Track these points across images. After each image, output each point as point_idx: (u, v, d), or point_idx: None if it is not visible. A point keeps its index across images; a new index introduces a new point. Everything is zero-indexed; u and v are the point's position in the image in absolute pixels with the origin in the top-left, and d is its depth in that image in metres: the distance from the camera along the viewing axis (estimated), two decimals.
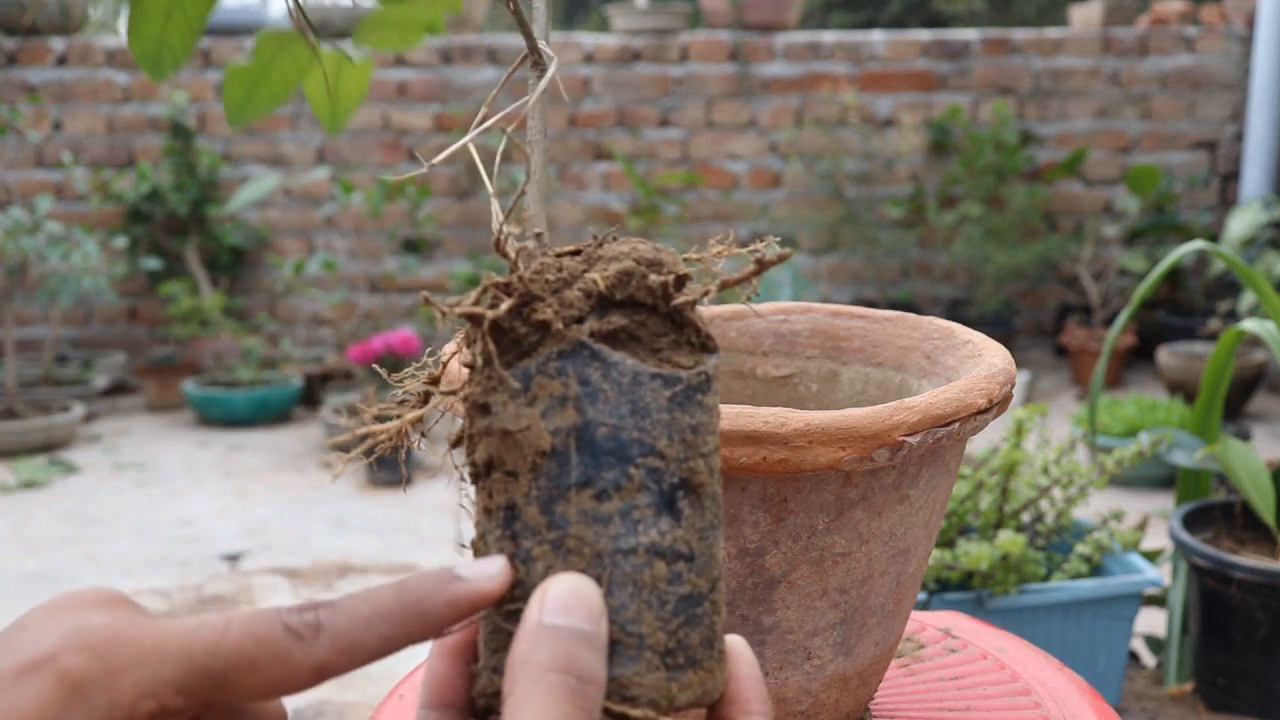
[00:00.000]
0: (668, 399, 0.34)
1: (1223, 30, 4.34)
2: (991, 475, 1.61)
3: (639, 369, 0.34)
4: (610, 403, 0.34)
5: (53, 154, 4.37)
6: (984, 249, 4.13)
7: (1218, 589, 1.62)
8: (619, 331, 0.35)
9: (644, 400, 0.34)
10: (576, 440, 0.34)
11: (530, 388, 0.34)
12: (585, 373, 0.34)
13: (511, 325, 0.35)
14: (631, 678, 0.33)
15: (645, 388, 0.34)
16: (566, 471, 0.33)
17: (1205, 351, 3.51)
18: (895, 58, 4.37)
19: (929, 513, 0.59)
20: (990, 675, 0.71)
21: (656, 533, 0.33)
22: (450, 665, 0.35)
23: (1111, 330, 1.66)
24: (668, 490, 0.34)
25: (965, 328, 0.68)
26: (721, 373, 0.77)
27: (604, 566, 0.33)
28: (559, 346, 0.34)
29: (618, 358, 0.34)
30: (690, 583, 0.34)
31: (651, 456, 0.34)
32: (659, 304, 0.35)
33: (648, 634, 0.33)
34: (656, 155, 4.42)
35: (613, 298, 0.35)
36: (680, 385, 0.35)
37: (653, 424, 0.34)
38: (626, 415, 0.34)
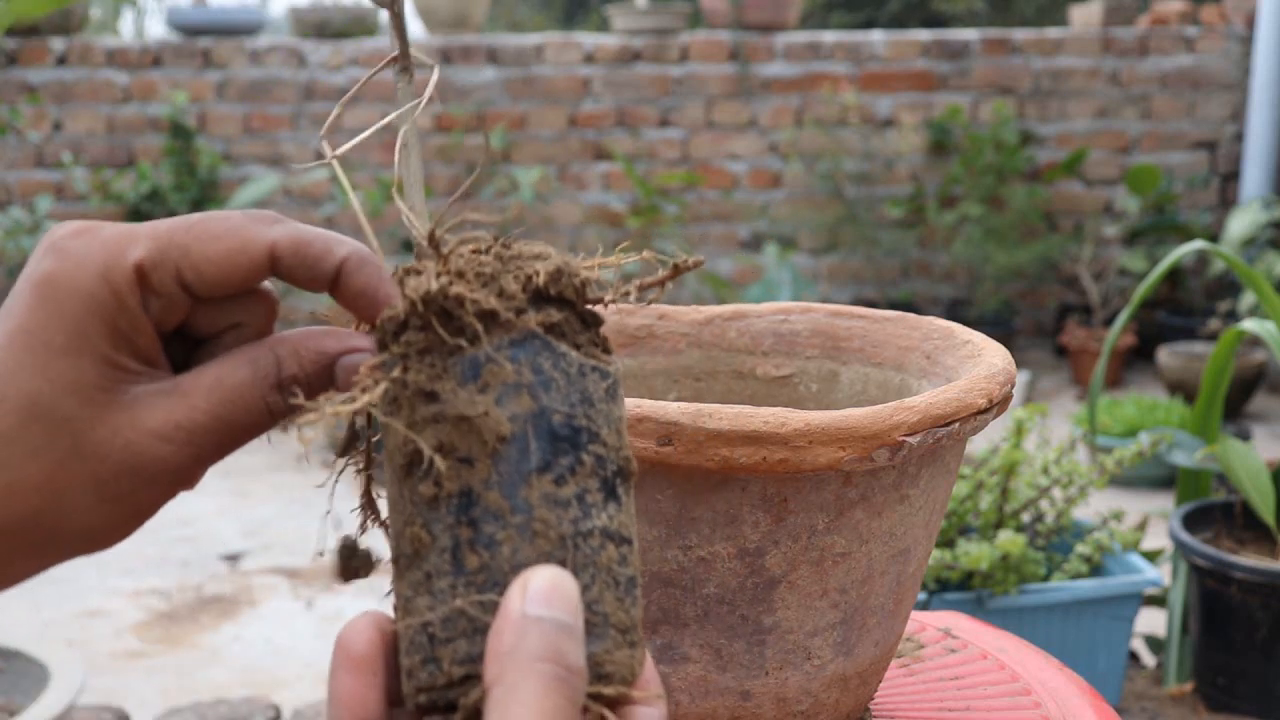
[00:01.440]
0: (604, 390, 0.36)
1: (1223, 30, 4.34)
2: (991, 475, 1.61)
3: (583, 361, 0.36)
4: (562, 391, 0.35)
5: (53, 154, 4.37)
6: (984, 249, 4.13)
7: (1218, 589, 1.62)
8: (556, 326, 0.36)
9: (588, 390, 0.35)
10: (534, 426, 0.34)
11: (480, 375, 0.35)
12: (537, 361, 0.35)
13: (457, 313, 0.35)
14: (603, 655, 0.34)
15: (589, 379, 0.36)
16: (526, 457, 0.34)
17: (1205, 351, 3.51)
18: (895, 58, 4.37)
19: (929, 513, 0.59)
20: (990, 675, 0.71)
21: (606, 516, 0.35)
22: (358, 679, 0.35)
23: (1111, 330, 1.66)
24: (610, 477, 0.35)
25: (965, 328, 0.68)
26: (721, 373, 0.77)
27: (568, 549, 0.34)
28: (510, 335, 0.35)
29: (565, 348, 0.36)
30: (631, 564, 0.35)
31: (597, 444, 0.35)
32: (578, 302, 0.37)
33: (610, 613, 0.34)
34: (656, 155, 4.42)
35: (547, 293, 0.36)
36: (611, 379, 0.36)
37: (596, 413, 0.35)
38: (576, 404, 0.35)
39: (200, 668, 2.10)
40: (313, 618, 2.30)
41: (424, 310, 0.35)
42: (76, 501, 0.37)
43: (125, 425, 0.37)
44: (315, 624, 2.27)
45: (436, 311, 0.35)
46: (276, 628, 2.26)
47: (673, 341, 0.77)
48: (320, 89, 4.38)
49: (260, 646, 2.18)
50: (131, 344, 0.37)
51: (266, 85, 4.39)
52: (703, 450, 0.51)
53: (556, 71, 4.39)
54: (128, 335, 0.37)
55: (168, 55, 4.38)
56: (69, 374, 0.36)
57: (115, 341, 0.37)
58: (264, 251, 0.38)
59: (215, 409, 0.37)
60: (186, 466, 0.38)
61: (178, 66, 4.38)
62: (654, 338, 0.76)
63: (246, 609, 2.36)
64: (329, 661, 0.36)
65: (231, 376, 0.38)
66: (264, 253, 0.38)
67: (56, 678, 1.58)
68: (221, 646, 2.19)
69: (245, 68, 4.39)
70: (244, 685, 2.02)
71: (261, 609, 2.36)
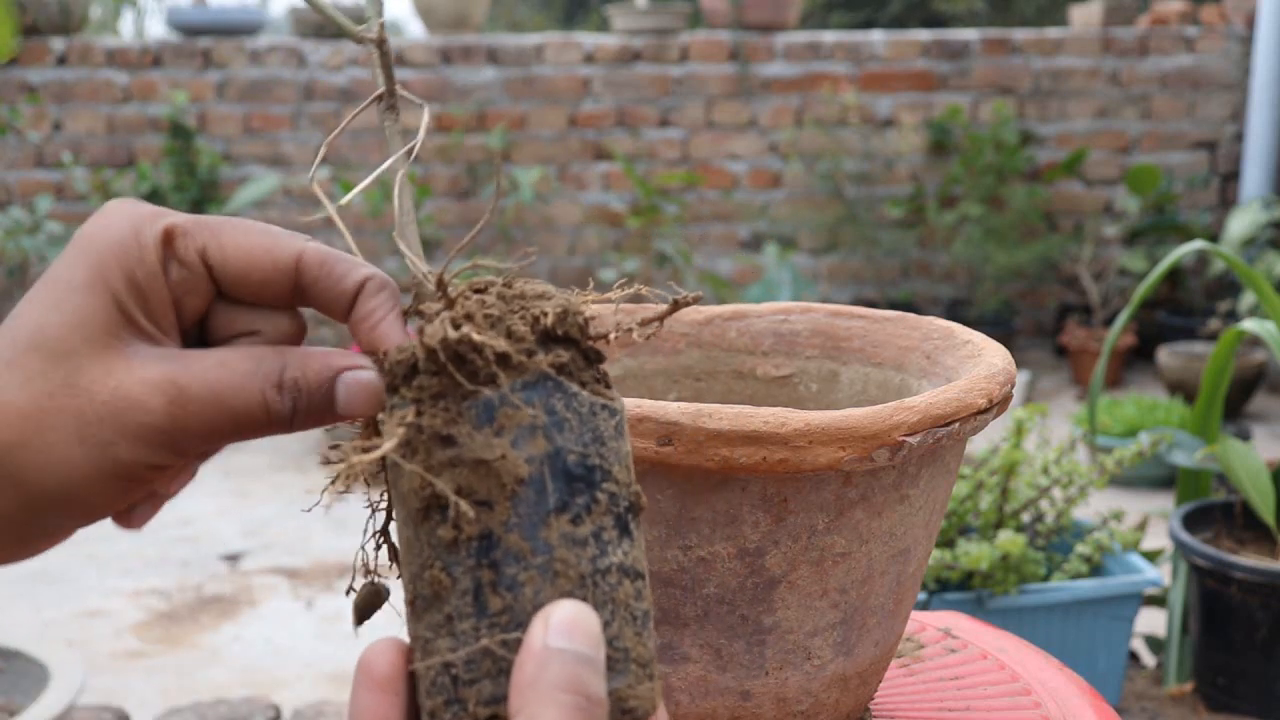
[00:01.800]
0: (614, 427, 0.36)
1: (1223, 30, 4.34)
2: (991, 475, 1.61)
3: (593, 399, 0.36)
4: (575, 431, 0.35)
5: (53, 154, 4.37)
6: (984, 249, 4.13)
7: (1218, 589, 1.62)
8: (564, 367, 0.36)
9: (599, 429, 0.36)
10: (550, 467, 0.35)
11: (495, 419, 0.35)
12: (550, 403, 0.35)
13: (470, 357, 0.35)
14: (626, 690, 0.34)
15: (599, 417, 0.36)
16: (545, 498, 0.35)
17: (1205, 351, 3.51)
18: (895, 58, 4.37)
19: (929, 513, 0.59)
20: (990, 675, 0.71)
21: (622, 553, 0.35)
22: (381, 699, 0.35)
23: (1111, 330, 1.66)
24: (623, 513, 0.36)
25: (965, 328, 0.68)
26: (721, 373, 0.77)
27: (587, 587, 0.34)
28: (523, 378, 0.35)
29: (575, 388, 0.36)
30: (646, 599, 0.36)
31: (610, 482, 0.36)
32: (581, 340, 0.37)
33: (630, 648, 0.35)
34: (656, 155, 4.42)
35: (554, 333, 0.37)
36: (619, 416, 0.37)
37: (608, 451, 0.36)
38: (589, 443, 0.36)
39: (200, 668, 2.10)
40: (313, 618, 2.30)
41: (441, 355, 0.35)
42: (57, 437, 0.37)
43: (120, 369, 0.37)
44: (315, 624, 2.27)
45: (451, 356, 0.35)
46: (276, 628, 2.26)
47: (673, 341, 0.77)
48: (320, 89, 4.38)
49: (260, 646, 2.18)
50: (145, 300, 0.38)
51: (266, 85, 4.39)
52: (703, 450, 0.51)
53: (556, 71, 4.39)
54: (143, 289, 0.38)
55: (168, 55, 4.38)
56: (80, 310, 0.37)
57: (131, 290, 0.38)
58: (291, 257, 0.40)
59: (212, 383, 0.38)
60: (170, 434, 0.38)
61: (178, 66, 4.38)
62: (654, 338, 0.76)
63: (246, 609, 2.36)
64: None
65: (235, 361, 0.39)
66: (291, 258, 0.40)
67: (56, 678, 1.58)
68: (221, 646, 2.19)
69: (245, 68, 4.39)
70: (244, 685, 2.02)
71: (261, 609, 2.36)
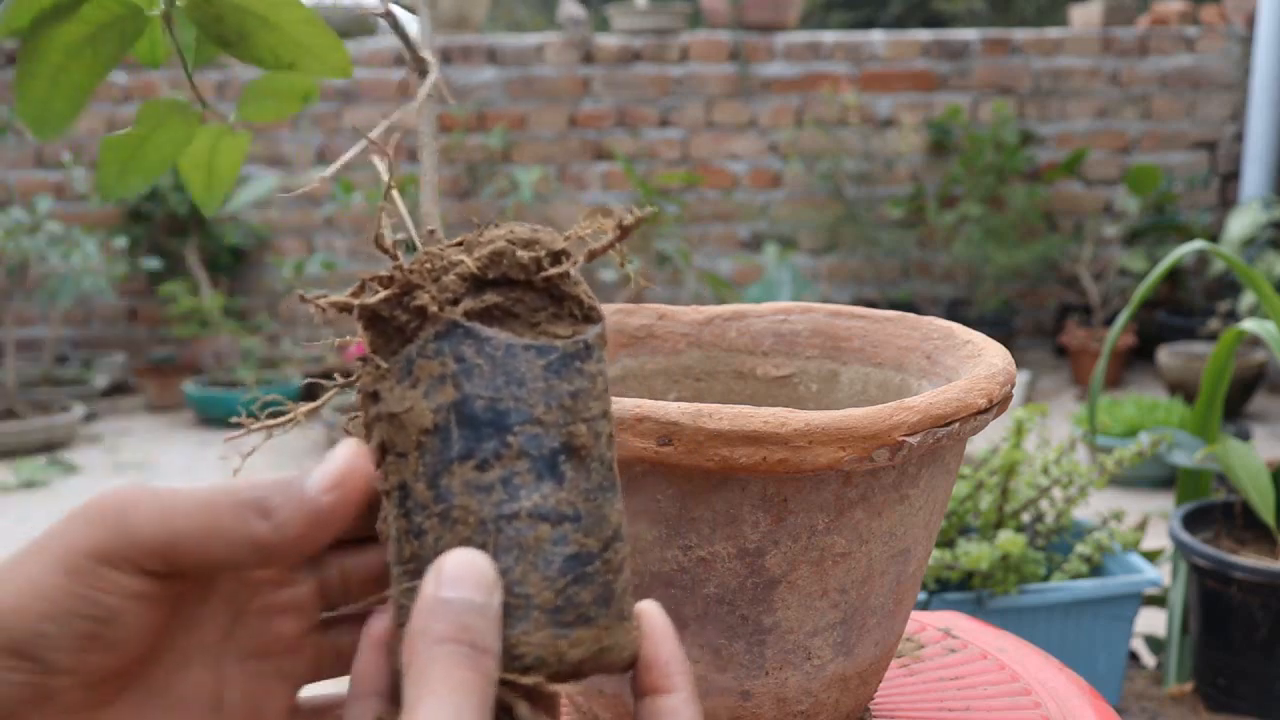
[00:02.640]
0: (543, 368, 0.35)
1: (1223, 30, 4.34)
2: (991, 475, 1.61)
3: (511, 341, 0.35)
4: (486, 376, 0.35)
5: (53, 154, 4.37)
6: (984, 249, 4.13)
7: (1218, 589, 1.62)
8: (494, 309, 0.36)
9: (519, 371, 0.35)
10: (456, 415, 0.35)
11: (413, 371, 0.35)
12: (460, 350, 0.35)
13: (392, 314, 0.36)
14: (520, 637, 0.34)
15: (519, 359, 0.35)
16: (449, 446, 0.35)
17: (1205, 351, 3.51)
18: (895, 58, 4.37)
19: (929, 513, 0.59)
20: (990, 675, 0.71)
21: (539, 496, 0.35)
22: (374, 656, 0.36)
23: (1111, 330, 1.66)
24: (548, 455, 0.35)
25: (965, 328, 0.68)
26: (721, 373, 0.77)
27: (488, 533, 0.34)
28: (436, 328, 0.35)
29: (490, 333, 0.35)
30: (577, 542, 0.35)
31: (529, 424, 0.35)
32: (534, 279, 0.37)
33: (534, 594, 0.34)
34: (656, 155, 4.42)
35: (486, 277, 0.36)
36: (555, 354, 0.36)
37: (529, 393, 0.35)
38: (502, 386, 0.35)
39: None
40: None
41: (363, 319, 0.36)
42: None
43: None
44: None
45: (368, 317, 0.36)
46: None
47: (673, 341, 0.77)
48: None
49: None
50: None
51: None
52: (703, 450, 0.51)
53: (556, 71, 4.39)
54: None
55: None
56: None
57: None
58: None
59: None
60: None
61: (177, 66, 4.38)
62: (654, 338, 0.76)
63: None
64: None
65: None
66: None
67: None
68: None
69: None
70: None
71: None
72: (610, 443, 0.37)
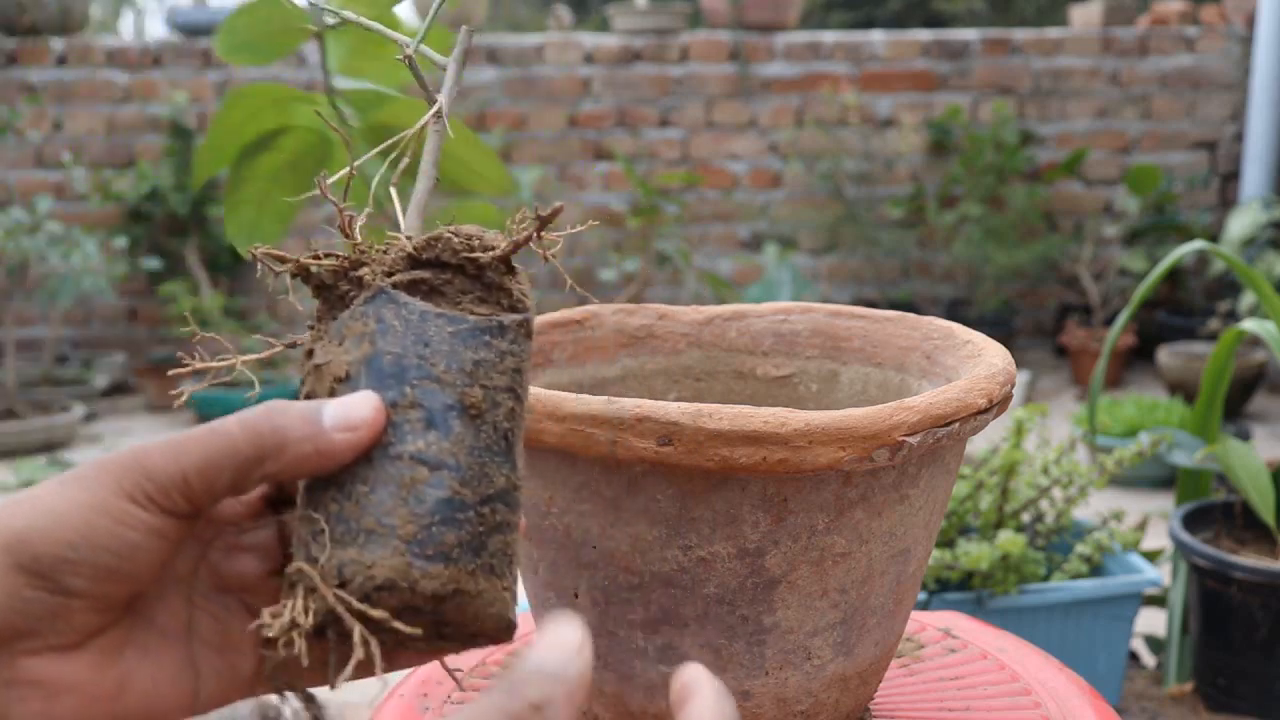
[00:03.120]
0: (450, 334, 0.39)
1: (1223, 30, 4.34)
2: (991, 475, 1.61)
3: (425, 308, 0.40)
4: (398, 335, 0.39)
5: (53, 154, 4.37)
6: (984, 249, 4.12)
7: (1218, 589, 1.62)
8: (421, 284, 0.40)
9: (428, 334, 0.39)
10: (366, 367, 0.39)
11: (342, 331, 0.40)
12: (381, 312, 0.39)
13: (337, 283, 0.41)
14: (377, 559, 0.36)
15: (430, 324, 0.39)
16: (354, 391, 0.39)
17: (1205, 351, 3.51)
18: (895, 58, 4.37)
19: (929, 513, 0.59)
20: (990, 675, 0.71)
21: (424, 442, 0.38)
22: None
23: (1111, 330, 1.66)
24: (440, 409, 0.38)
25: (965, 328, 0.68)
26: (721, 373, 0.77)
27: (373, 468, 0.37)
28: (367, 294, 0.40)
29: (408, 299, 0.40)
30: (451, 489, 0.38)
31: (428, 380, 0.38)
32: (465, 265, 0.41)
33: (398, 525, 0.37)
34: (656, 155, 4.42)
35: (421, 258, 0.41)
36: (466, 325, 0.40)
37: (433, 353, 0.39)
38: (410, 345, 0.39)
39: None
40: None
41: (312, 286, 0.41)
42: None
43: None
44: None
45: (316, 285, 0.42)
46: None
47: (673, 341, 0.77)
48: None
49: None
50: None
51: None
52: (703, 450, 0.51)
53: (556, 71, 4.39)
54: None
55: (168, 55, 4.38)
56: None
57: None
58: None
59: None
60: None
61: (178, 66, 4.38)
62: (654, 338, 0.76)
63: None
64: None
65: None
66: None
67: None
68: None
69: (245, 68, 4.38)
70: None
71: None
72: (512, 417, 0.40)
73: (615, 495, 0.55)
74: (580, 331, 0.74)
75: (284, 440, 0.37)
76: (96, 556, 0.36)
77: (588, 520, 0.56)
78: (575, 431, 0.53)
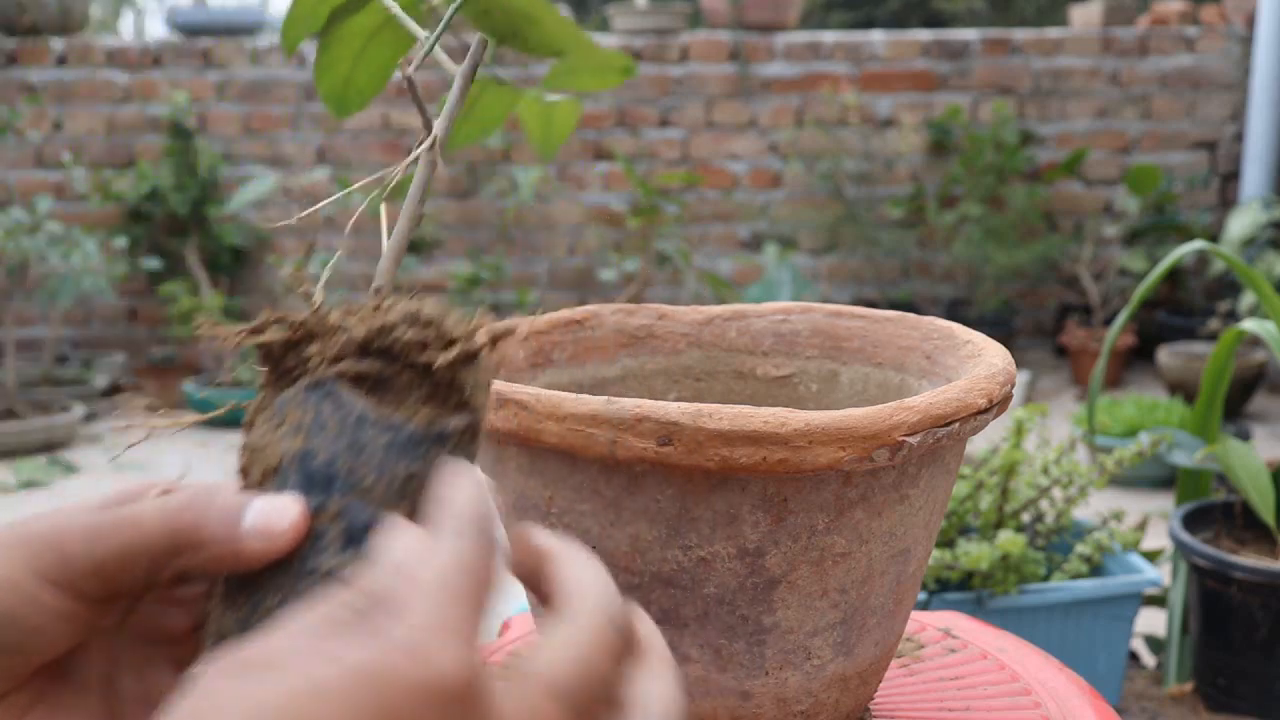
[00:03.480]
0: (385, 443, 0.36)
1: (1223, 30, 4.34)
2: (991, 475, 1.61)
3: (363, 411, 0.36)
4: (331, 436, 0.36)
5: (53, 154, 4.37)
6: (984, 249, 4.12)
7: (1218, 589, 1.62)
8: (366, 376, 0.37)
9: (362, 441, 0.36)
10: (297, 464, 0.36)
11: (283, 413, 0.37)
12: (320, 406, 0.37)
13: (284, 357, 0.39)
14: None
15: (366, 430, 0.36)
16: (282, 490, 0.36)
17: (1205, 351, 3.51)
18: (895, 58, 4.37)
19: (929, 513, 0.59)
20: (990, 675, 0.71)
21: (338, 561, 0.35)
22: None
23: (1111, 330, 1.66)
24: (360, 526, 0.36)
25: (965, 328, 0.68)
26: (721, 373, 0.77)
27: (288, 576, 0.36)
28: (310, 380, 0.37)
29: (348, 397, 0.37)
30: None
31: (354, 493, 0.36)
32: (414, 360, 0.38)
33: None
34: (656, 155, 4.42)
35: (370, 346, 0.38)
36: (402, 434, 0.36)
37: (364, 463, 0.36)
38: (342, 450, 0.36)
39: None
40: None
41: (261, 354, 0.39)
42: None
43: None
44: None
45: (265, 354, 0.39)
46: None
47: (673, 341, 0.77)
48: None
49: None
50: None
51: (266, 85, 4.38)
52: (703, 450, 0.51)
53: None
54: None
55: (168, 55, 4.38)
56: None
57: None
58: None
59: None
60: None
61: (178, 66, 4.38)
62: (654, 338, 0.76)
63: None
64: None
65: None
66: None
67: None
68: None
69: (245, 68, 4.39)
70: None
71: None
72: None
73: (615, 495, 0.55)
74: (580, 331, 0.74)
75: (199, 539, 0.36)
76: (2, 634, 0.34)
77: (588, 520, 0.56)
78: (575, 431, 0.53)
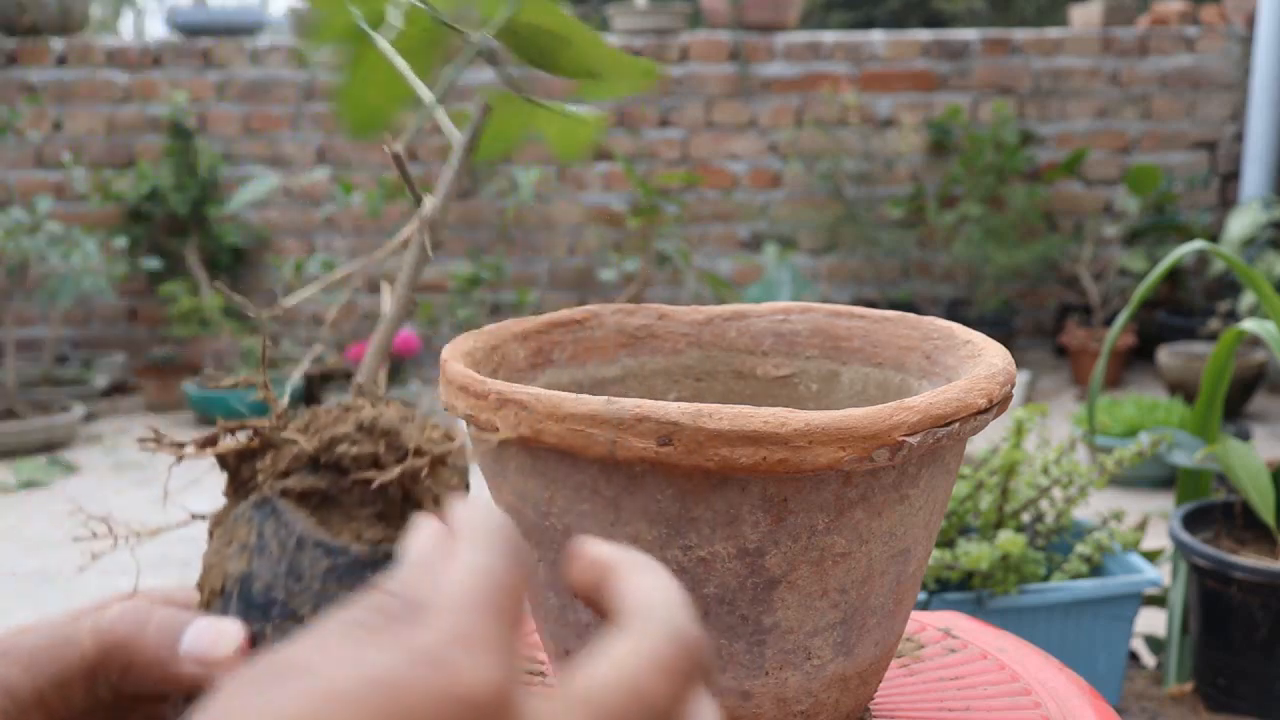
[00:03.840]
0: (325, 569, 0.34)
1: (1223, 30, 4.34)
2: (991, 475, 1.61)
3: (305, 533, 0.35)
4: (272, 560, 0.35)
5: (53, 154, 4.37)
6: (984, 249, 4.13)
7: (1218, 589, 1.62)
8: (314, 492, 0.36)
9: (301, 565, 0.34)
10: (240, 588, 0.35)
11: (235, 528, 0.36)
12: (264, 526, 0.35)
13: (240, 469, 0.37)
14: None
15: (306, 554, 0.34)
16: (226, 613, 0.35)
17: (1205, 351, 3.51)
18: (895, 58, 4.37)
19: (929, 513, 0.59)
20: (990, 675, 0.71)
21: None
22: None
23: (1111, 330, 1.66)
24: None
25: (965, 328, 0.68)
26: (721, 373, 0.77)
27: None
28: (257, 497, 0.36)
29: (292, 518, 0.35)
30: None
31: (289, 620, 0.34)
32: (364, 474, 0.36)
33: None
34: (656, 155, 4.42)
35: (320, 461, 0.36)
36: (345, 559, 0.34)
37: (302, 590, 0.34)
38: (281, 575, 0.34)
39: None
40: None
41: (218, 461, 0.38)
42: None
43: None
44: None
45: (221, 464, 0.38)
46: None
47: (673, 341, 0.77)
48: (320, 89, 4.38)
49: None
50: None
51: (266, 85, 4.38)
52: (703, 450, 0.51)
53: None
54: None
55: (168, 55, 4.38)
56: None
57: None
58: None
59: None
60: None
61: (178, 66, 4.38)
62: (654, 338, 0.76)
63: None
64: None
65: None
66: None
67: None
68: None
69: (245, 68, 4.39)
70: None
71: None
72: None
73: (615, 495, 0.55)
74: (580, 331, 0.74)
75: (132, 661, 0.35)
76: None
77: (588, 520, 0.56)
78: (575, 431, 0.53)
